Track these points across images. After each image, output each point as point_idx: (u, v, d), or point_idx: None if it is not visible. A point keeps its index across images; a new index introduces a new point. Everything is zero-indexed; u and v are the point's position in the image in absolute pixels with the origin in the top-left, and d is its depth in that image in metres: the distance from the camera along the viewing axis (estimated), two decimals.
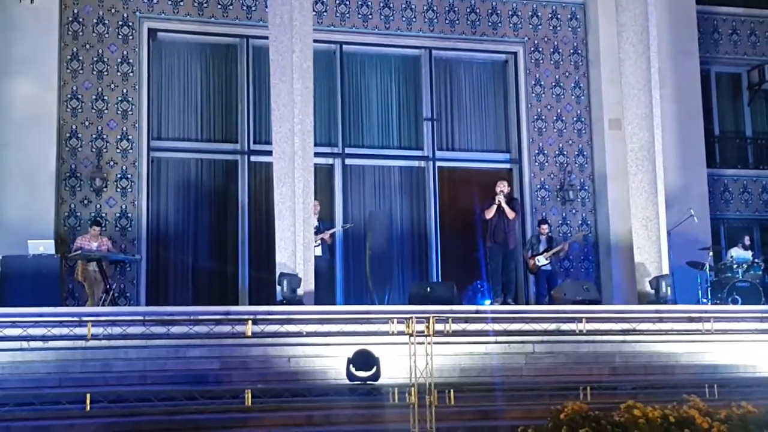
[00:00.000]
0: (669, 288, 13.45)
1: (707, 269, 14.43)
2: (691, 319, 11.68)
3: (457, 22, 16.54)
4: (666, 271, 13.80)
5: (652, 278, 13.76)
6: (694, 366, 11.04)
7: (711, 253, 14.80)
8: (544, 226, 14.94)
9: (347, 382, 9.71)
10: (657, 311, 12.24)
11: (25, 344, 9.75)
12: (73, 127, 14.65)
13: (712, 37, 18.13)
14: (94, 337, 9.63)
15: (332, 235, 14.31)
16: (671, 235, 14.32)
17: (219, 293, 15.05)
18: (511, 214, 13.58)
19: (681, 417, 7.28)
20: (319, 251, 13.51)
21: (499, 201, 13.54)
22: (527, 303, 15.30)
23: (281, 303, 12.02)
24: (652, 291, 13.60)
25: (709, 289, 14.24)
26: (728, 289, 13.90)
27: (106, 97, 14.83)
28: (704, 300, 14.11)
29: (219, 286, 15.27)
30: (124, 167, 14.78)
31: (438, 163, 16.40)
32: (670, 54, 16.42)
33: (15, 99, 14.11)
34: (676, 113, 16.41)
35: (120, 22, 15.03)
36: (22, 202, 13.84)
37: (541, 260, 14.59)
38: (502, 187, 13.73)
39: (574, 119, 16.81)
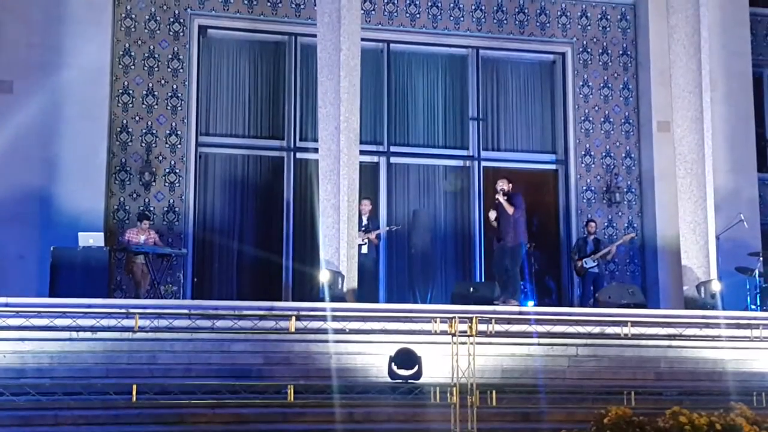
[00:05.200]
0: (716, 293, 13.27)
1: (756, 275, 14.20)
2: (739, 326, 11.51)
3: (505, 21, 16.46)
4: (714, 276, 13.62)
5: (699, 283, 13.58)
6: (742, 373, 10.89)
7: (761, 259, 14.57)
8: (592, 224, 14.89)
9: (389, 380, 9.74)
10: (704, 317, 12.09)
11: (74, 334, 9.94)
12: (124, 121, 14.86)
13: (765, 39, 17.82)
14: (141, 329, 9.77)
15: (378, 236, 14.33)
16: (720, 239, 14.13)
17: (263, 288, 15.14)
18: (509, 209, 13.27)
19: (728, 424, 7.18)
20: (365, 249, 13.57)
21: (497, 199, 13.36)
22: (571, 305, 15.19)
23: (324, 299, 12.08)
24: (699, 296, 13.43)
25: (758, 295, 14.01)
26: None
27: (156, 93, 15.02)
28: (753, 306, 13.89)
29: (263, 281, 15.38)
30: (172, 162, 14.96)
31: (483, 163, 16.34)
32: (722, 56, 16.17)
33: (67, 93, 14.32)
34: (727, 116, 16.15)
35: (171, 19, 15.22)
36: (73, 194, 14.06)
37: (589, 262, 14.50)
38: (502, 185, 13.51)
39: (622, 121, 16.64)
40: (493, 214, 13.59)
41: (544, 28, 16.60)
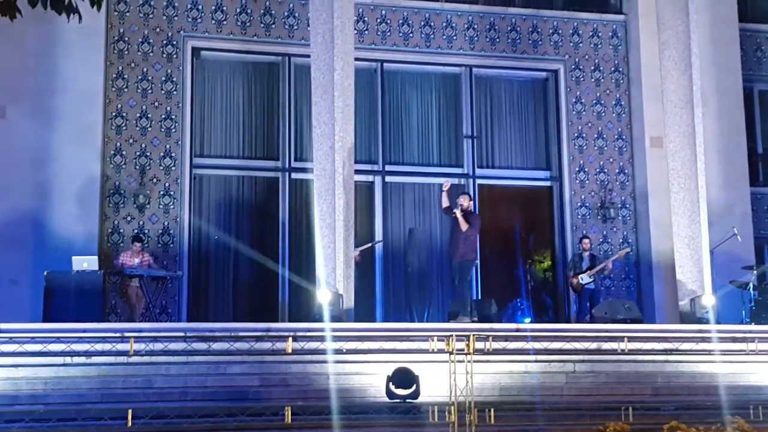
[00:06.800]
0: (711, 307, 13.28)
1: (751, 289, 14.22)
2: (734, 339, 11.52)
3: (497, 40, 16.55)
4: (709, 290, 13.63)
5: (694, 297, 13.59)
6: (738, 387, 10.87)
7: (755, 273, 14.60)
8: (586, 241, 14.89)
9: (387, 400, 9.70)
10: (699, 331, 12.09)
11: (68, 359, 9.86)
12: (118, 144, 14.87)
13: (755, 54, 17.92)
14: (137, 353, 9.71)
15: (361, 254, 14.26)
16: (714, 253, 14.15)
17: (259, 310, 15.11)
18: (464, 226, 13.08)
19: None
20: None
21: (455, 213, 13.19)
22: (568, 321, 15.18)
23: (321, 320, 12.05)
24: (694, 310, 13.43)
25: (752, 308, 14.03)
26: None
27: (150, 115, 15.04)
28: (748, 320, 13.89)
29: (259, 302, 15.35)
30: (166, 184, 14.96)
31: (478, 181, 16.37)
32: (713, 72, 16.27)
33: (61, 117, 14.34)
34: (719, 131, 16.24)
35: (164, 41, 15.27)
36: (67, 218, 14.05)
37: (585, 278, 14.51)
38: (463, 201, 13.35)
39: (615, 137, 16.71)
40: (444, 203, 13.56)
41: (536, 45, 16.68)
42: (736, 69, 16.92)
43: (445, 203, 13.54)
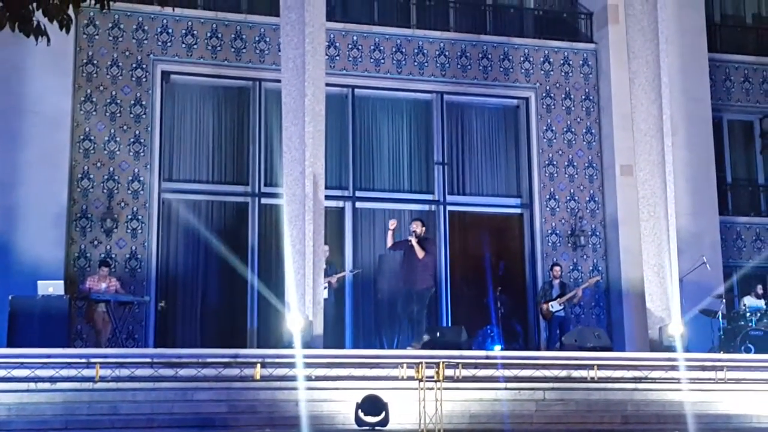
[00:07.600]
0: (679, 336, 13.33)
1: (720, 317, 14.30)
2: (704, 368, 11.56)
3: (469, 67, 16.63)
4: (677, 318, 13.68)
5: (663, 325, 13.63)
6: (707, 415, 10.91)
7: (723, 301, 14.68)
8: (557, 268, 14.93)
9: (355, 427, 9.63)
10: (669, 359, 12.11)
11: (32, 385, 9.71)
12: (85, 167, 14.71)
13: (724, 84, 18.16)
14: (102, 379, 9.58)
15: (339, 280, 14.21)
16: (683, 282, 14.22)
17: (228, 335, 14.97)
18: (420, 253, 12.90)
19: None
20: (325, 294, 13.44)
21: (410, 240, 13.02)
22: (538, 349, 15.16)
23: (290, 346, 11.93)
24: (664, 338, 13.47)
25: (721, 337, 14.10)
26: (741, 338, 13.76)
27: (118, 139, 14.91)
28: (717, 348, 13.95)
29: (228, 328, 15.20)
30: (134, 208, 14.81)
31: (449, 207, 16.38)
32: (682, 101, 16.45)
33: (28, 139, 14.18)
34: (688, 160, 16.39)
35: (134, 65, 15.17)
36: (33, 242, 13.85)
37: (555, 306, 14.52)
38: (416, 227, 13.17)
39: (586, 165, 16.80)
40: (389, 242, 13.46)
41: (507, 73, 16.78)
42: (706, 99, 17.13)
43: (390, 242, 13.44)
